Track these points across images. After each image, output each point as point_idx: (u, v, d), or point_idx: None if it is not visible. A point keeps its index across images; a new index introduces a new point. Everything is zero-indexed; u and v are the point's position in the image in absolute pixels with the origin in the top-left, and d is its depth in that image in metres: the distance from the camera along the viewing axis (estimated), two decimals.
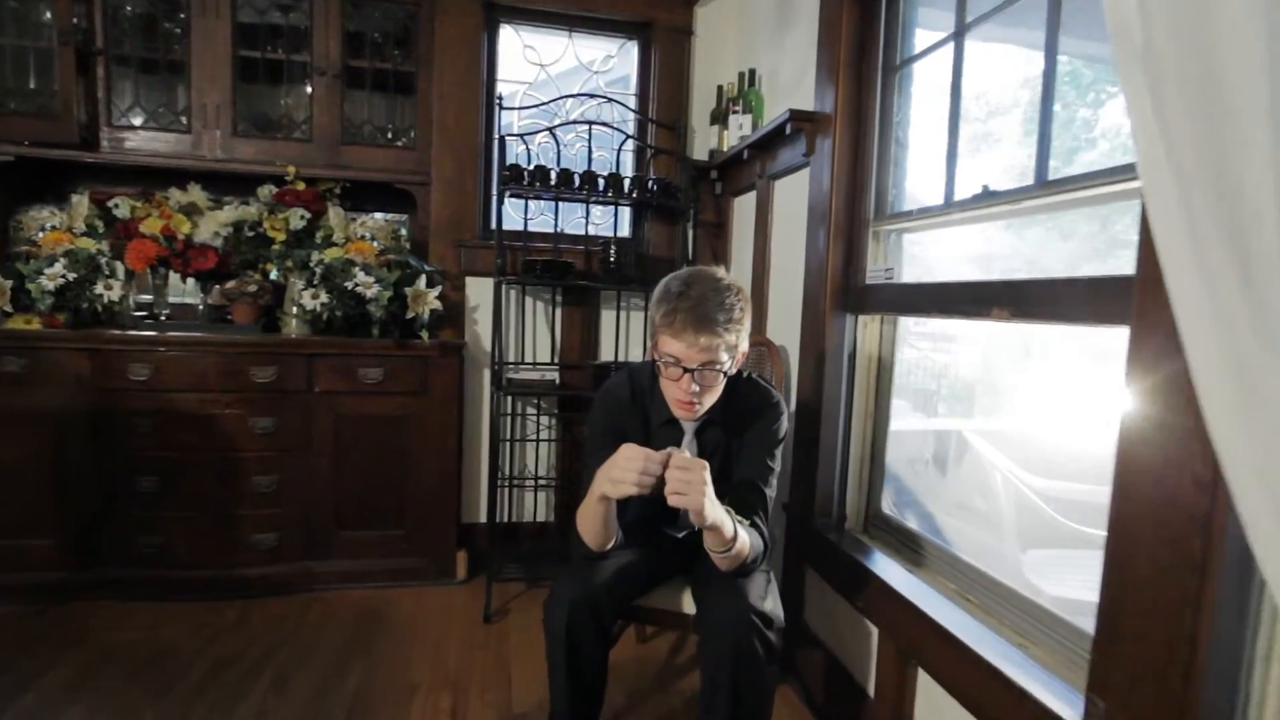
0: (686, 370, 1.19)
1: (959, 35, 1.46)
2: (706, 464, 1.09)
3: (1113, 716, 0.93)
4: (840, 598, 1.71)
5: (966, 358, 1.93)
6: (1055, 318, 1.14)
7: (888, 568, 1.58)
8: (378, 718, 1.70)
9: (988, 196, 1.33)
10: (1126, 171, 1.00)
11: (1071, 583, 1.85)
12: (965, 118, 1.48)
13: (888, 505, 1.82)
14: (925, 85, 1.68)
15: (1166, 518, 0.86)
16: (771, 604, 1.31)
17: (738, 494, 1.29)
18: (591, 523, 1.23)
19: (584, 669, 1.30)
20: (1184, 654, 0.85)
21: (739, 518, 1.21)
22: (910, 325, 1.79)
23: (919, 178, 1.68)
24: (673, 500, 1.06)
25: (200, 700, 1.73)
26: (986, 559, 1.43)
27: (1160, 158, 0.61)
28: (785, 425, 1.39)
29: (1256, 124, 0.51)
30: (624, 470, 1.08)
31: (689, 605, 1.45)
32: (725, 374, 1.23)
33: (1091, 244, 1.36)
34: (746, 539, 1.21)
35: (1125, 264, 0.95)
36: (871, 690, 1.57)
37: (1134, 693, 0.91)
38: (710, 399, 1.26)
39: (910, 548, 1.65)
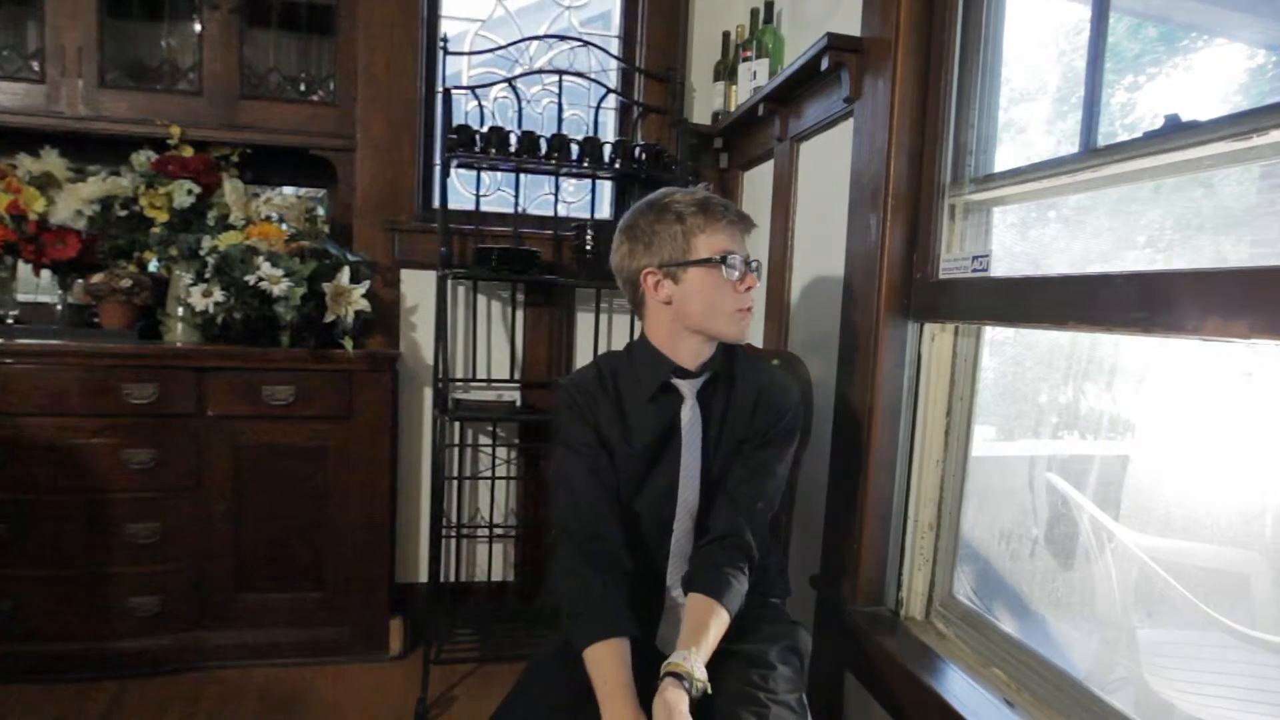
0: (747, 264, 1.08)
1: None
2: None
3: None
4: None
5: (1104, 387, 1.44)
6: None
7: (975, 698, 1.10)
8: None
9: (1177, 132, 0.80)
10: None
11: (1210, 694, 1.41)
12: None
13: (965, 590, 1.32)
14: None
15: None
16: None
17: (737, 525, 1.10)
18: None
19: None
20: None
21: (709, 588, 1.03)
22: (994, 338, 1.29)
23: (1024, 127, 1.17)
24: None
25: None
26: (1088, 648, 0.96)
27: None
28: (798, 417, 1.21)
29: None
30: None
31: None
32: None
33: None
34: (726, 618, 1.01)
35: None
36: None
37: None
38: (748, 325, 1.14)
39: (1004, 659, 1.16)
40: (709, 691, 0.89)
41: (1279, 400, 1.13)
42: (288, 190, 2.25)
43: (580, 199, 2.38)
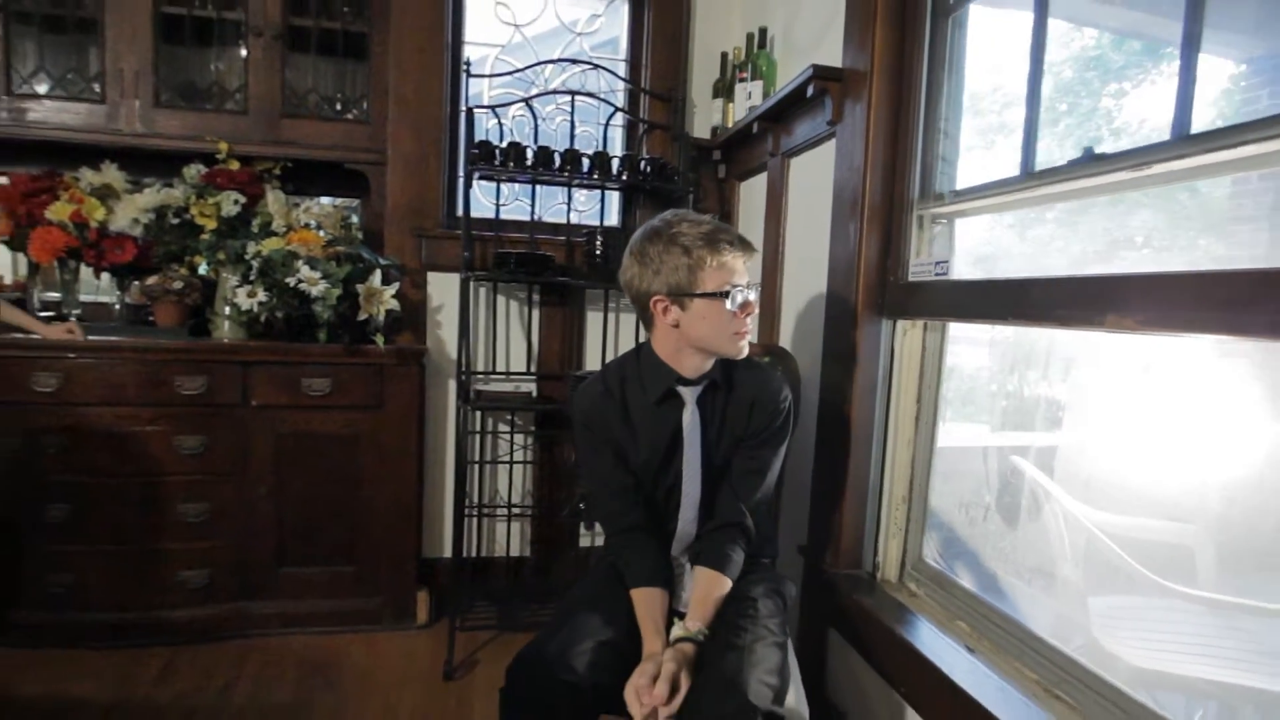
0: (749, 288, 1.17)
1: None
2: (660, 690, 1.00)
3: None
4: (874, 674, 1.38)
5: (996, 366, 1.60)
6: (1213, 327, 0.79)
7: (940, 645, 1.26)
8: None
9: (1093, 162, 0.98)
10: None
11: (1155, 647, 1.55)
12: (1048, 69, 1.13)
13: (932, 554, 1.48)
14: (987, 30, 1.33)
15: None
16: (794, 696, 1.08)
17: (734, 509, 1.24)
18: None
19: None
20: None
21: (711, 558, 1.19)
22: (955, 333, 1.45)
23: (979, 151, 1.34)
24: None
25: None
26: (1045, 611, 1.12)
27: None
28: (791, 414, 1.30)
29: None
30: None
31: None
32: None
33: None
34: (728, 585, 1.18)
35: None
36: None
37: None
38: (748, 340, 1.22)
39: (968, 614, 1.32)
40: (706, 633, 1.08)
41: (1204, 390, 1.30)
42: (325, 200, 2.33)
43: (590, 208, 2.46)
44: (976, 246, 1.45)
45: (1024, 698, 1.08)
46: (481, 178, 2.15)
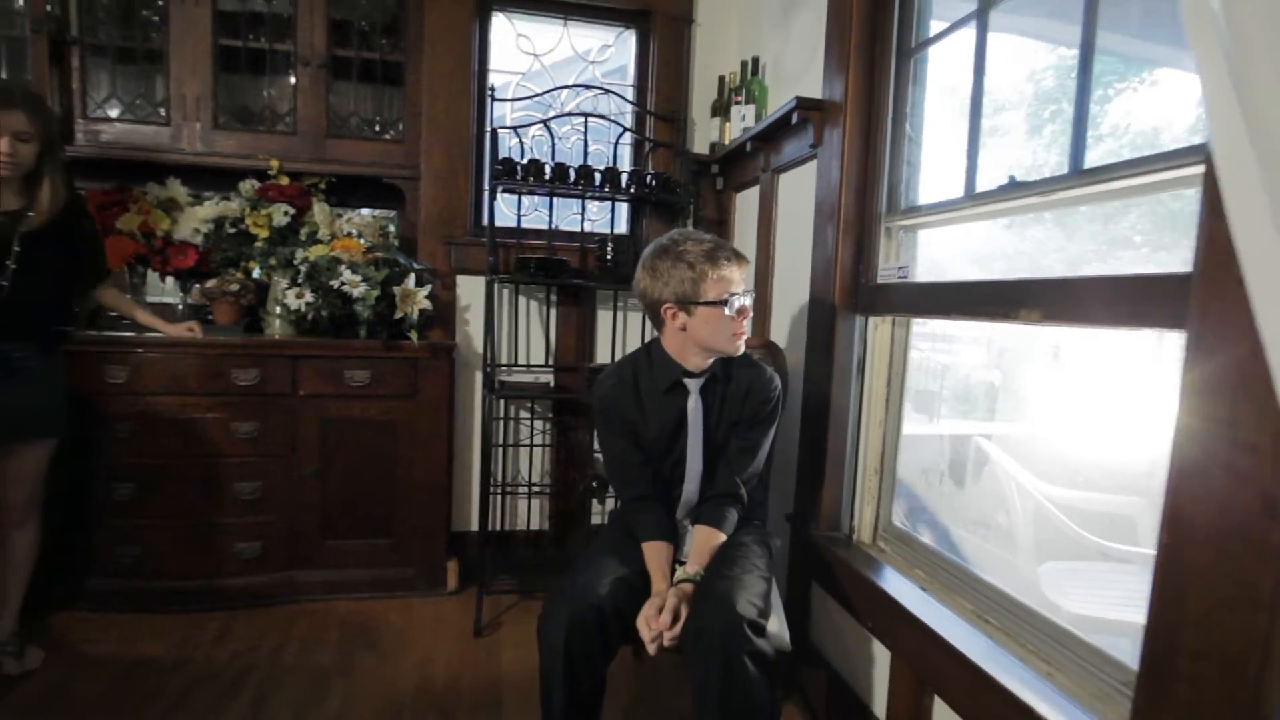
0: (743, 298, 1.36)
1: (982, 13, 1.36)
2: (665, 618, 1.22)
3: None
4: (848, 616, 1.62)
5: (980, 361, 1.83)
6: (1093, 320, 1.04)
7: (901, 586, 1.49)
8: None
9: (1015, 187, 1.22)
10: (1182, 156, 0.90)
11: (1094, 600, 1.77)
12: (986, 109, 1.37)
13: (899, 517, 1.72)
14: (942, 71, 1.58)
15: (1231, 547, 0.75)
16: (776, 625, 1.31)
17: (730, 483, 1.45)
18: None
19: (581, 685, 1.26)
20: (1247, 702, 0.75)
21: (711, 518, 1.41)
22: (916, 327, 1.69)
23: (935, 171, 1.58)
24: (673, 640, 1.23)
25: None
26: (1004, 575, 1.35)
27: (1240, 135, 0.51)
28: (780, 401, 1.51)
29: None
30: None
31: None
32: None
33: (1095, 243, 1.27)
34: (723, 538, 1.41)
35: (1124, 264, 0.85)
36: (882, 716, 1.48)
37: None
38: (744, 339, 1.41)
39: (924, 564, 1.55)
40: (703, 574, 1.32)
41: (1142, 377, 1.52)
42: (365, 211, 2.51)
43: (602, 217, 2.65)
44: (977, 247, 1.66)
45: (962, 620, 1.32)
46: (504, 191, 2.35)
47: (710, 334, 1.37)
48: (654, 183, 2.37)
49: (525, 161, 2.24)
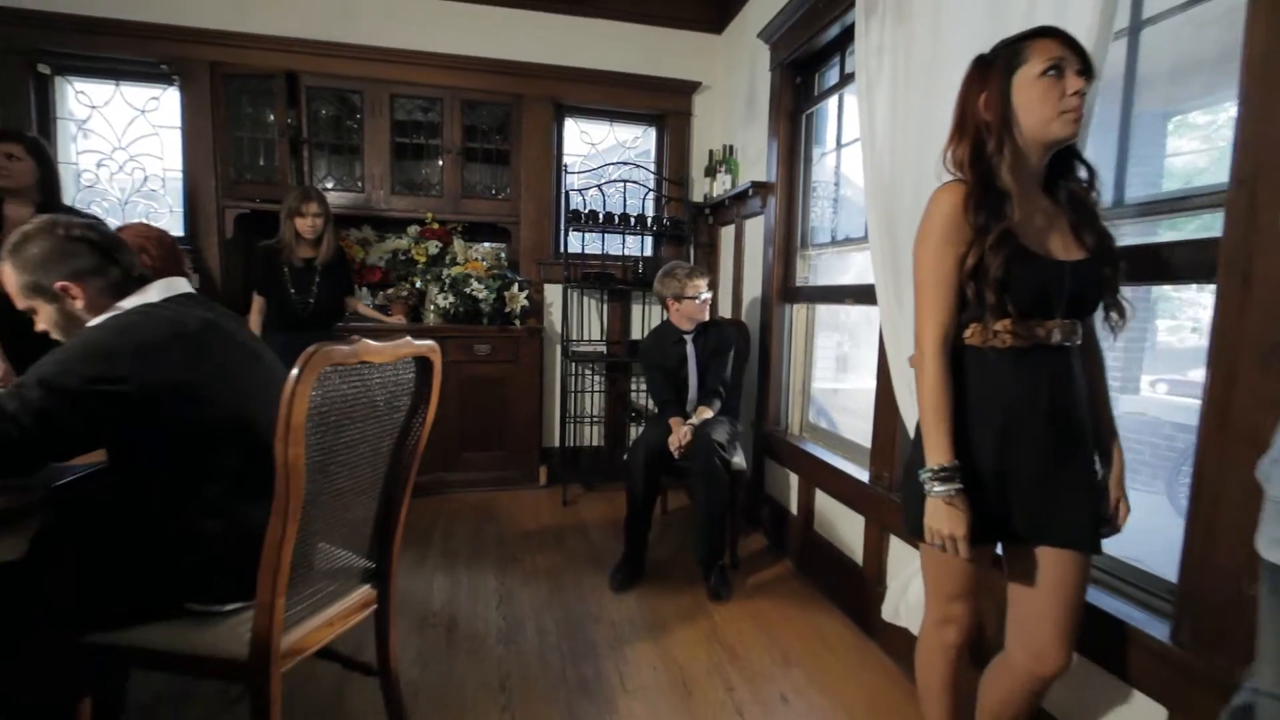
0: (705, 294, 2.58)
1: (838, 149, 2.70)
2: (689, 432, 2.45)
3: (881, 476, 2.14)
4: (782, 468, 2.93)
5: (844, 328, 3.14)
6: (869, 302, 2.36)
7: (809, 447, 2.81)
8: (505, 548, 2.92)
9: (843, 241, 2.56)
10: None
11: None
12: (843, 192, 2.70)
13: (813, 416, 3.04)
14: (828, 171, 2.92)
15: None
16: (740, 459, 2.60)
17: (714, 385, 2.61)
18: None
19: (652, 489, 2.53)
20: None
21: (705, 404, 2.57)
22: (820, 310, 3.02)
23: (821, 225, 2.92)
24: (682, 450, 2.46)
25: (407, 544, 2.97)
26: (851, 434, 2.65)
27: (886, 242, 1.84)
28: (744, 347, 2.75)
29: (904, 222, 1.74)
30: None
31: None
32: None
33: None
34: (710, 413, 2.59)
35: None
36: (794, 510, 2.79)
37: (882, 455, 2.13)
38: (707, 314, 2.57)
39: (821, 437, 2.88)
40: (697, 424, 2.63)
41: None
42: (486, 244, 3.69)
43: (635, 246, 3.88)
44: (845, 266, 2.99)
45: (830, 453, 2.63)
46: (573, 230, 3.55)
47: (685, 316, 2.68)
48: (668, 223, 3.65)
49: (586, 211, 3.46)
